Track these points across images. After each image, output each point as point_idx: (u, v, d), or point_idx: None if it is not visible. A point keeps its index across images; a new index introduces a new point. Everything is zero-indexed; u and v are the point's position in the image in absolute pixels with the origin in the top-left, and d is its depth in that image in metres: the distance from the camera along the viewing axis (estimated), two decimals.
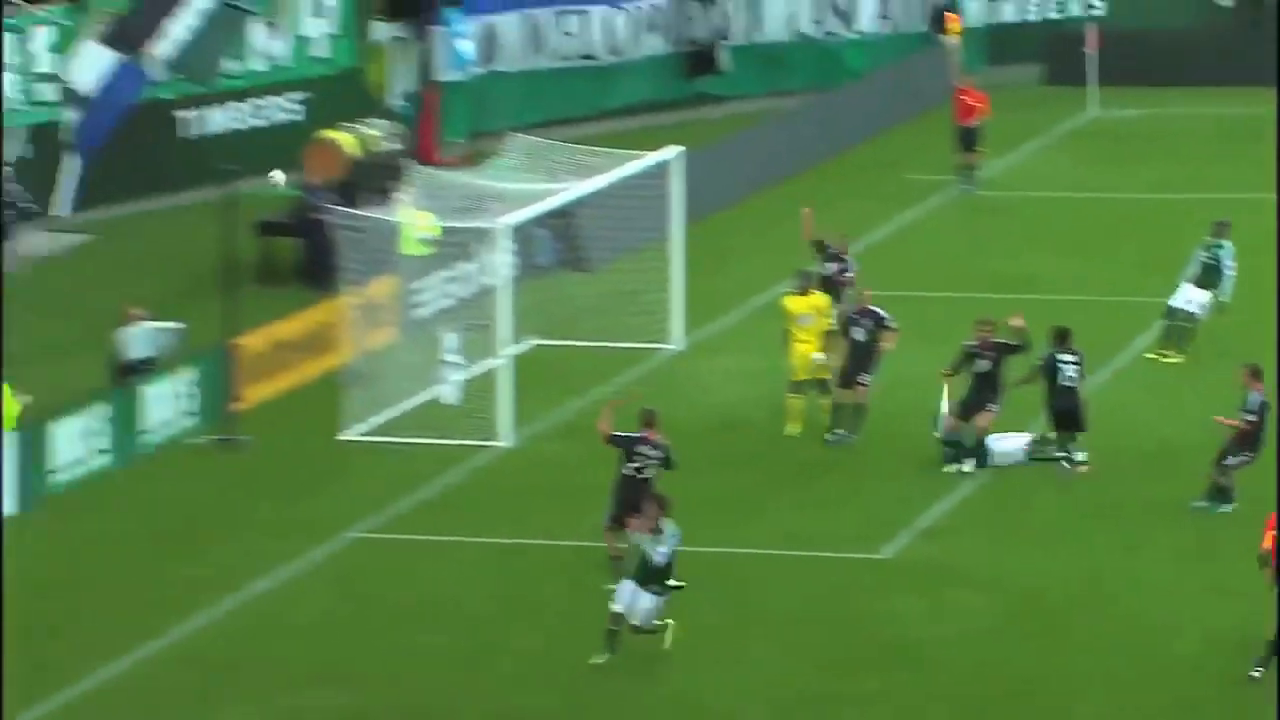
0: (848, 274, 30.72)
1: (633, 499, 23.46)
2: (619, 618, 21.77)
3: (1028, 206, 40.31)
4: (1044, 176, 42.17)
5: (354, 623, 23.65)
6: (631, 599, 21.74)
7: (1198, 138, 44.72)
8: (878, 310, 28.30)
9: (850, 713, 21.55)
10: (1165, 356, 31.23)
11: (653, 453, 24.00)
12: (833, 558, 25.04)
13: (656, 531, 21.79)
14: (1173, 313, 31.40)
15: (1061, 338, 27.05)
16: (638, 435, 24.10)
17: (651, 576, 21.79)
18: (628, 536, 22.43)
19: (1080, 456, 26.98)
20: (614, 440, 24.01)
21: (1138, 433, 28.55)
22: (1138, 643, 22.92)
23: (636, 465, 23.94)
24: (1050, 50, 49.20)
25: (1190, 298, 31.28)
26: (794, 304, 29.10)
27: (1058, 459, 26.94)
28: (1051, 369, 26.85)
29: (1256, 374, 25.76)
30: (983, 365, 27.14)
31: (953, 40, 44.37)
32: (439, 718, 21.48)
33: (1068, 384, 26.85)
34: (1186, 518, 25.74)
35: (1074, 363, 26.86)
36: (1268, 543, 22.08)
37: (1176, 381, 30.73)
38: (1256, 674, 21.65)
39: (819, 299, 29.08)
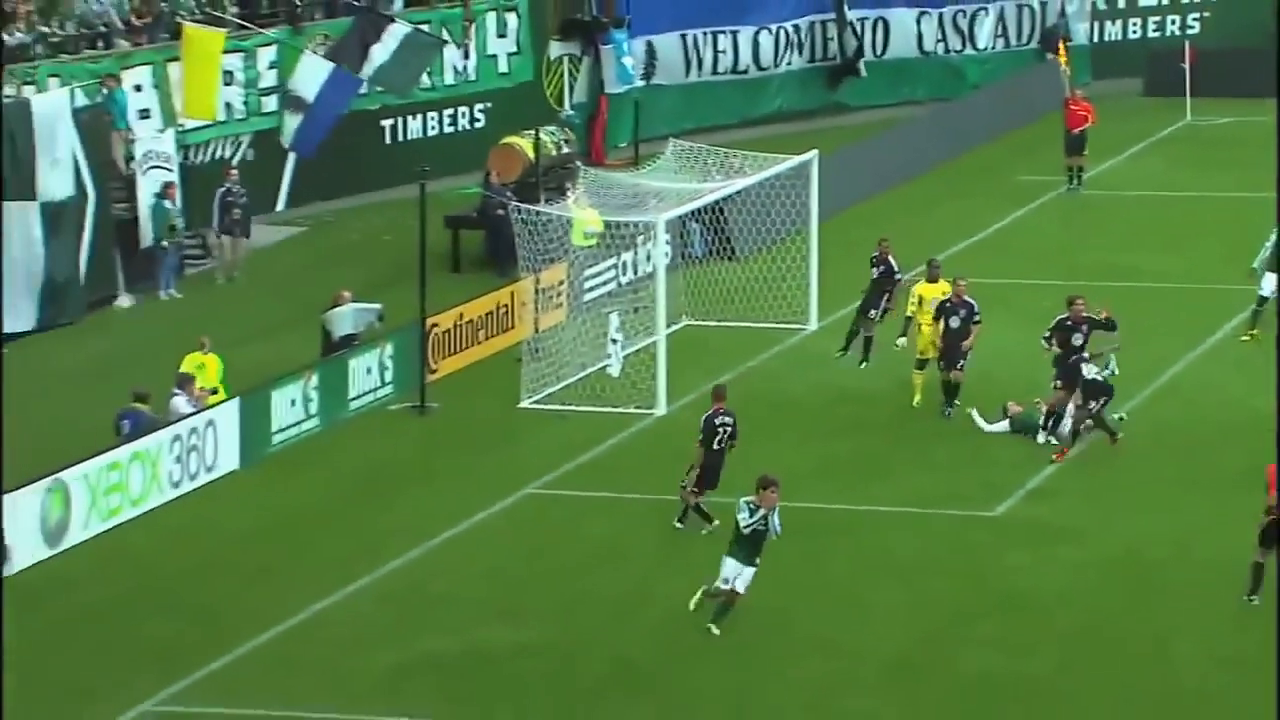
0: (896, 275, 29.54)
1: (717, 467, 23.67)
2: (725, 591, 21.14)
3: (1128, 205, 39.62)
4: (1142, 178, 41.44)
5: (528, 568, 23.63)
6: (736, 571, 21.06)
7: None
8: (972, 302, 27.86)
9: (968, 653, 21.25)
10: (1256, 338, 30.57)
11: (729, 420, 23.88)
12: (950, 515, 24.71)
13: (771, 509, 21.30)
14: (1263, 300, 30.76)
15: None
16: (712, 411, 23.93)
17: (756, 549, 21.11)
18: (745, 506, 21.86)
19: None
20: (704, 440, 23.78)
21: (1228, 405, 27.96)
22: (1226, 593, 22.44)
23: (719, 437, 23.82)
24: (1150, 65, 48.42)
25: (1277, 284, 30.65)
26: (925, 290, 28.70)
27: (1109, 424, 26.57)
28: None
29: None
30: (1077, 338, 26.63)
31: (1058, 63, 43.84)
32: (601, 653, 21.40)
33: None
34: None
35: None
36: (1273, 493, 21.92)
37: (1261, 358, 30.07)
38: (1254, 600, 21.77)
39: (947, 285, 28.63)
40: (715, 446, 23.84)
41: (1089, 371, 26.10)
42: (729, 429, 23.87)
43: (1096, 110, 40.71)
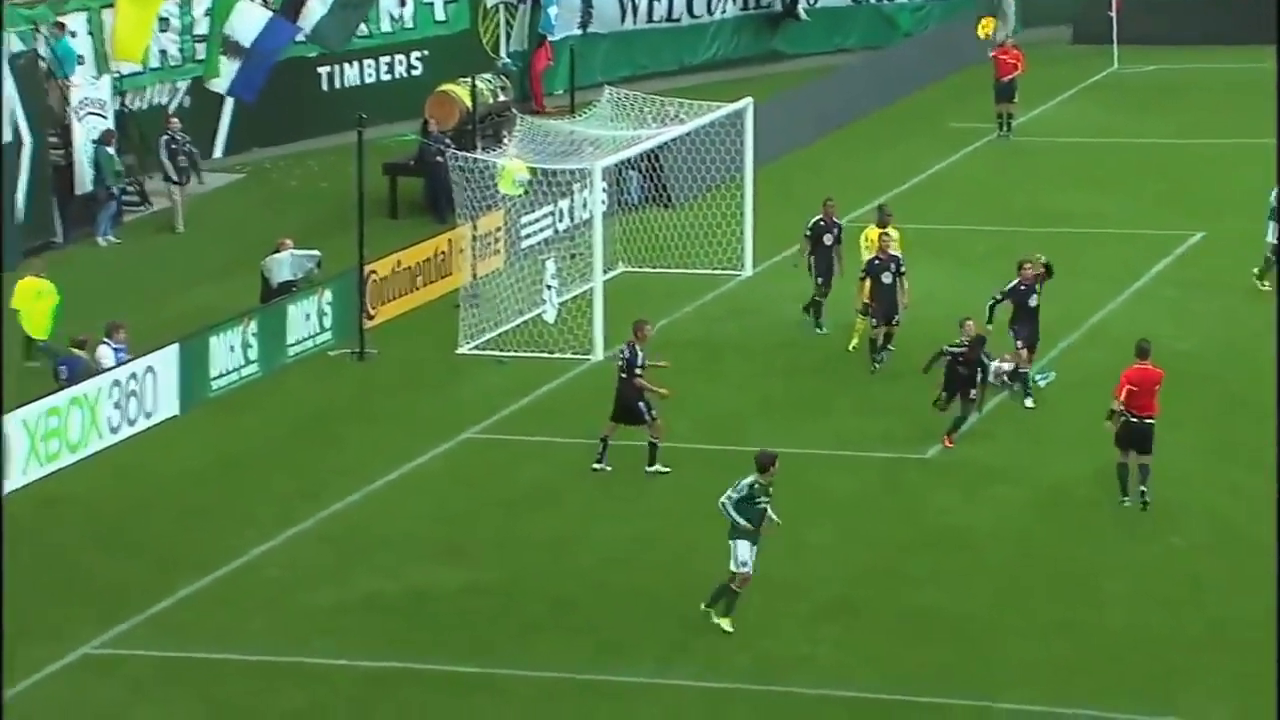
0: (842, 235, 28.86)
1: (619, 396, 23.95)
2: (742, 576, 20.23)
3: (1058, 150, 39.69)
4: (1072, 124, 41.51)
5: (466, 510, 23.55)
6: (750, 553, 20.24)
7: (1205, 90, 43.98)
8: (898, 255, 27.66)
9: (902, 590, 21.31)
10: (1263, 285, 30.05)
11: (624, 355, 24.11)
12: (885, 457, 24.72)
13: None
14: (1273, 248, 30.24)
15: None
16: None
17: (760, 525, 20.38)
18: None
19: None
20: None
21: (1156, 349, 27.98)
22: (1155, 530, 22.59)
23: (619, 365, 24.17)
24: (1078, 13, 48.45)
25: None
26: (876, 234, 28.39)
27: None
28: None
29: None
30: (1032, 300, 26.37)
31: (982, 35, 42.65)
32: (540, 594, 21.36)
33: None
34: (1199, 422, 25.28)
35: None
36: (1121, 396, 22.48)
37: (1187, 303, 30.23)
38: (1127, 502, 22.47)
39: (894, 231, 28.41)
40: (620, 376, 24.08)
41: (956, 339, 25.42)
42: (622, 361, 24.06)
43: (1026, 58, 40.72)
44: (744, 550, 20.16)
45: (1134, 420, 22.74)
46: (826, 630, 20.47)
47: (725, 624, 20.17)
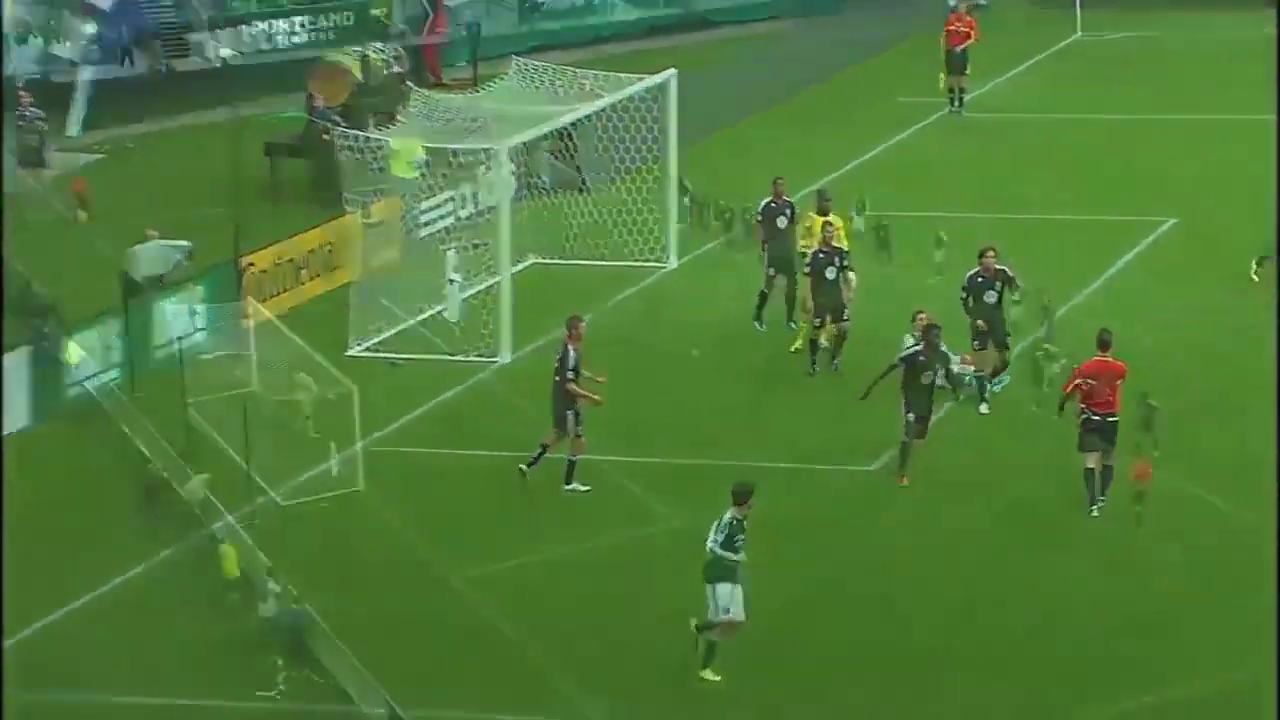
0: (796, 216, 29.11)
1: (554, 401, 24.00)
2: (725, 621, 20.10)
3: (1015, 128, 40.01)
4: (1030, 99, 41.87)
5: (362, 531, 23.46)
6: (733, 595, 20.11)
7: (1178, 59, 44.44)
8: (841, 247, 27.76)
9: (847, 617, 21.39)
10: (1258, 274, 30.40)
11: (557, 356, 24.24)
12: (823, 470, 24.81)
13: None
14: None
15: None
16: None
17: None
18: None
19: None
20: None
21: (1119, 344, 28.25)
22: (1119, 545, 22.78)
23: (555, 368, 24.27)
24: None
25: None
26: (818, 223, 28.47)
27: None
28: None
29: None
30: (990, 295, 26.48)
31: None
32: (448, 622, 21.32)
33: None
34: (1170, 430, 25.48)
35: None
36: (1069, 389, 23.14)
37: (1158, 297, 30.51)
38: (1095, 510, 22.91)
39: (836, 220, 28.54)
40: (554, 379, 24.12)
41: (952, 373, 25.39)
42: (555, 361, 24.10)
43: (980, 25, 41.01)
44: (724, 594, 19.99)
45: (1095, 418, 23.03)
46: (759, 663, 20.51)
47: (709, 674, 20.05)
